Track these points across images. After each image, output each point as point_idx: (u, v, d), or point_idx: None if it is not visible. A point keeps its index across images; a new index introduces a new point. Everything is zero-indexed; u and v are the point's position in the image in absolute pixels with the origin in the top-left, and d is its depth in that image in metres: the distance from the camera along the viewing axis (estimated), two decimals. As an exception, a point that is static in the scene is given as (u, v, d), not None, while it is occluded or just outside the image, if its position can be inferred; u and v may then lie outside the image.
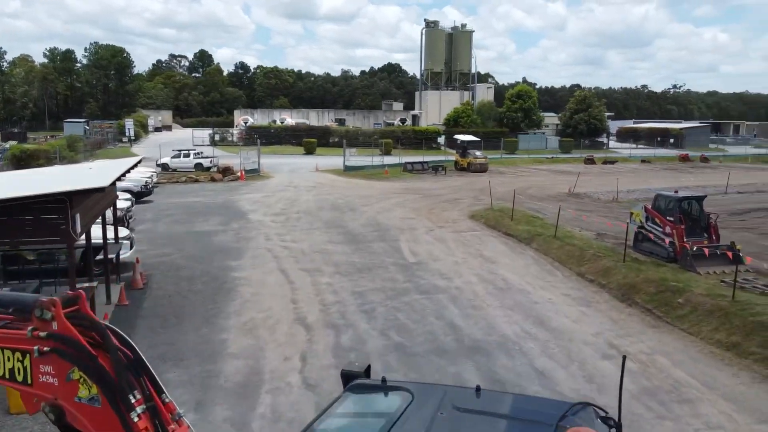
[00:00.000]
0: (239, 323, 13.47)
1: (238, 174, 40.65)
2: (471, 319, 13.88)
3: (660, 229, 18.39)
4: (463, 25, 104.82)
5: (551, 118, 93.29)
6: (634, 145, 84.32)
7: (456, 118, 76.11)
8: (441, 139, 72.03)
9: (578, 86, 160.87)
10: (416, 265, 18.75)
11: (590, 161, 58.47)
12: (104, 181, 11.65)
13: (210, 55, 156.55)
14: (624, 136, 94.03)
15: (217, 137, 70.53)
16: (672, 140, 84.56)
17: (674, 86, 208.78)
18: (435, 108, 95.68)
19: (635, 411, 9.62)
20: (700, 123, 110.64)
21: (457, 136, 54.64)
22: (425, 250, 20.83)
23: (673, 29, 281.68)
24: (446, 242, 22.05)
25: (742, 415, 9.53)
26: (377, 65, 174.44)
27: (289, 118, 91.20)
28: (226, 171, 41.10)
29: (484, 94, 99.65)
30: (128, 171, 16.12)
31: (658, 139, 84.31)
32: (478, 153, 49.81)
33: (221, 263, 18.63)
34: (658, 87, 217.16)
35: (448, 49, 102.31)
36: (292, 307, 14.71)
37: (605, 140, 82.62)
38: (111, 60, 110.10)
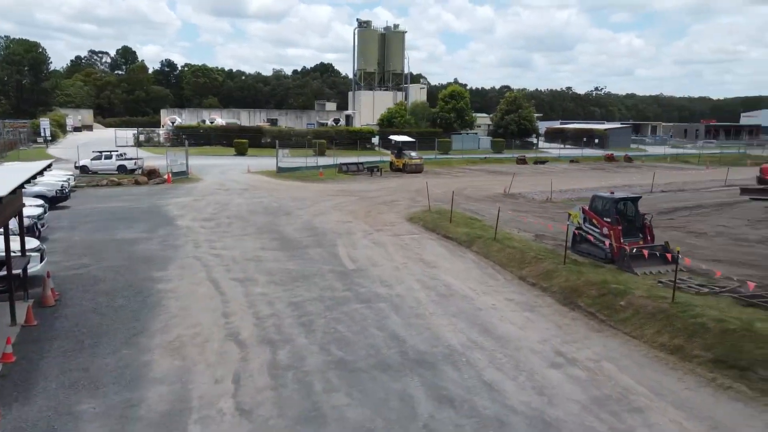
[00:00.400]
0: (165, 342, 12.32)
1: (165, 176, 38.62)
2: (414, 329, 13.29)
3: (597, 231, 18.45)
4: (396, 26, 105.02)
5: (483, 119, 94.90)
6: (562, 146, 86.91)
7: (390, 118, 75.96)
8: (375, 140, 71.66)
9: (508, 88, 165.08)
10: (355, 272, 18.03)
11: (522, 161, 59.56)
12: (3, 189, 10.26)
13: (134, 52, 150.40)
14: (552, 136, 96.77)
15: (142, 137, 67.34)
16: (597, 141, 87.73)
17: (596, 89, 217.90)
18: (369, 108, 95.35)
19: (588, 424, 9.28)
20: (622, 124, 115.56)
21: (391, 137, 54.36)
22: (364, 255, 20.15)
23: (593, 34, 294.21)
24: (385, 246, 21.45)
25: (693, 422, 9.35)
26: (309, 65, 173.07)
27: (219, 118, 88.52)
28: (151, 173, 38.96)
29: (417, 94, 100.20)
30: (36, 176, 14.56)
31: (584, 139, 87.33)
32: (413, 153, 49.65)
33: (146, 274, 17.26)
34: (581, 89, 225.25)
35: (381, 50, 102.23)
36: (224, 321, 13.67)
37: (535, 140, 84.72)
38: (24, 55, 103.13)
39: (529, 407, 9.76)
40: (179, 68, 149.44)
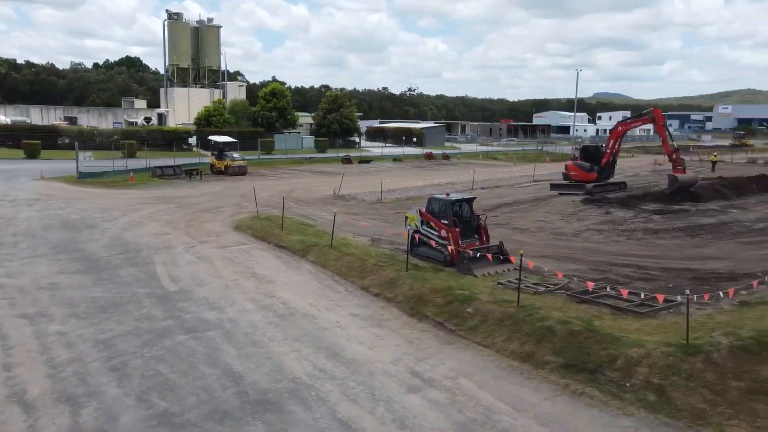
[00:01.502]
0: None
1: (-73, 187, 31.70)
2: (253, 361, 11.58)
3: (435, 233, 18.16)
4: (210, 20, 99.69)
5: (305, 118, 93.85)
6: (383, 144, 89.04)
7: (208, 117, 71.56)
8: (193, 140, 67.07)
9: (327, 87, 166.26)
10: (178, 295, 15.69)
11: (348, 161, 59.50)
12: None
13: None
14: (373, 135, 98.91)
15: None
16: (415, 139, 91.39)
17: (410, 89, 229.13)
18: (184, 106, 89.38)
19: (458, 458, 8.42)
20: (436, 123, 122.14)
21: (211, 137, 50.85)
22: (188, 273, 17.78)
23: (403, 37, 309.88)
24: (212, 261, 19.22)
25: (558, 439, 8.96)
26: (114, 58, 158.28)
27: (3, 116, 76.79)
28: None
29: (236, 92, 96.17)
30: None
31: (404, 138, 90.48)
32: (235, 155, 46.84)
33: None
34: (396, 89, 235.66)
35: (195, 44, 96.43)
36: (5, 376, 10.75)
37: (358, 139, 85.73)
38: None
39: (393, 446, 8.68)
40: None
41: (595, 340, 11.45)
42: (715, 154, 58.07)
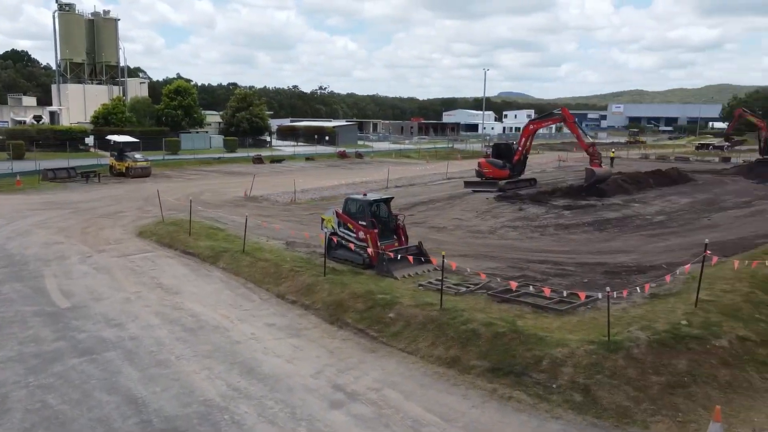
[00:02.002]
0: None
1: None
2: (158, 384, 10.49)
3: (353, 235, 17.56)
4: (106, 12, 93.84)
5: (213, 117, 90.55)
6: (295, 143, 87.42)
7: (106, 115, 67.24)
8: (90, 140, 62.81)
9: (235, 84, 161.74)
10: (71, 312, 14.17)
11: (259, 161, 57.74)
12: None
13: None
14: (285, 134, 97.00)
15: None
16: (327, 138, 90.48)
17: (320, 87, 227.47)
18: (79, 104, 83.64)
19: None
20: (348, 122, 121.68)
21: (110, 137, 47.62)
22: (83, 286, 16.17)
23: (312, 35, 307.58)
24: (111, 272, 17.63)
25: (490, 450, 8.61)
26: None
27: None
28: None
29: (137, 89, 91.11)
30: None
31: (316, 137, 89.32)
32: (138, 155, 44.11)
33: None
34: (307, 88, 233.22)
35: (90, 38, 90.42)
36: None
37: (268, 139, 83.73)
38: None
39: (317, 472, 8.00)
40: None
41: (520, 341, 11.27)
42: (614, 150, 61.23)
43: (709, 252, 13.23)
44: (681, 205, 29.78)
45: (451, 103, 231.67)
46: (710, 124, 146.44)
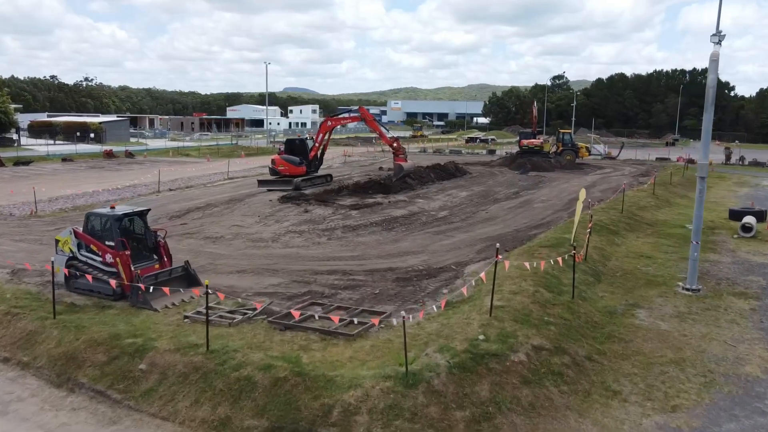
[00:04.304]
0: None
1: None
2: None
3: (99, 259, 14.01)
4: None
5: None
6: (51, 142, 75.84)
7: None
8: None
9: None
10: None
11: (-2, 163, 48.18)
12: None
13: None
14: (38, 131, 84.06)
15: None
16: (92, 135, 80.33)
17: (86, 79, 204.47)
18: None
19: None
20: (119, 117, 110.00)
21: None
22: None
23: (72, 20, 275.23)
24: None
25: None
26: None
27: None
28: None
29: None
30: None
31: (78, 134, 78.57)
32: None
33: None
34: (69, 79, 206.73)
35: None
36: None
37: (16, 137, 71.58)
38: None
39: None
40: None
41: (304, 387, 9.21)
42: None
43: (500, 257, 12.57)
44: (461, 198, 30.58)
45: (236, 98, 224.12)
46: (474, 119, 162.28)
